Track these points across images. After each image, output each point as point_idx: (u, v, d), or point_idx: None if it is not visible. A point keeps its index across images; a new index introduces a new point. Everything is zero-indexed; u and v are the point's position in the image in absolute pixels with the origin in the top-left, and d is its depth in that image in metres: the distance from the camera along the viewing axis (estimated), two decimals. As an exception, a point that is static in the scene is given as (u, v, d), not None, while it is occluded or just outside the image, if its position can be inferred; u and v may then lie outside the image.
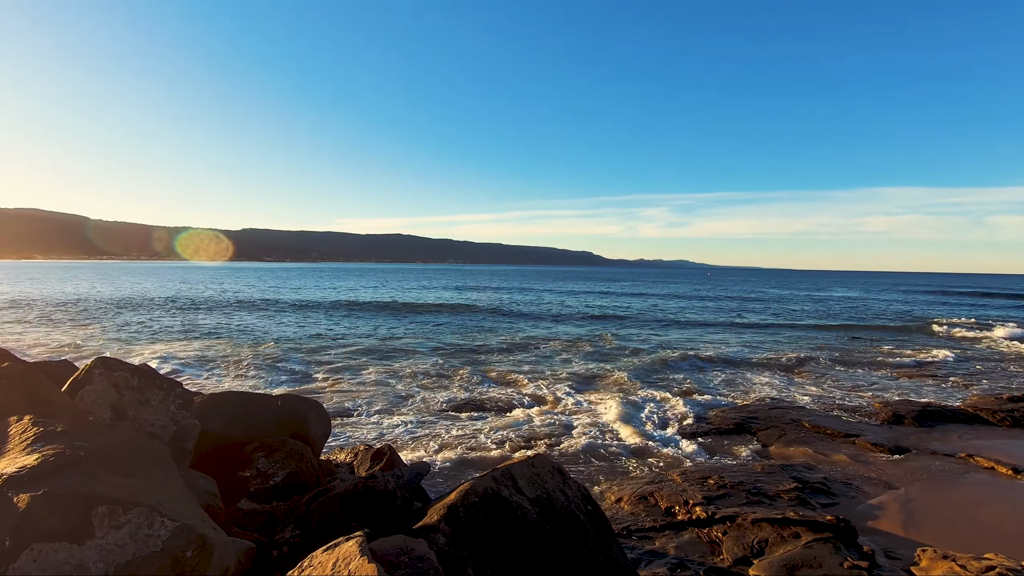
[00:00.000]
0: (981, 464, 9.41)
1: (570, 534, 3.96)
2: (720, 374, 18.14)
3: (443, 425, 11.58)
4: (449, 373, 17.13)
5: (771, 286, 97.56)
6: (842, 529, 6.53)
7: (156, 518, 2.53)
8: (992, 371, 19.53)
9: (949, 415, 12.35)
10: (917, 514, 7.57)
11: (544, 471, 4.38)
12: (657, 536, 6.94)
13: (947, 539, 6.73)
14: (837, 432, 11.15)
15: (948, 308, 51.26)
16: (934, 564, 5.63)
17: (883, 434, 11.23)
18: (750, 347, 24.50)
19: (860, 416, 12.61)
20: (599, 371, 17.80)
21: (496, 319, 32.71)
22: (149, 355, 19.18)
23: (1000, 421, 11.99)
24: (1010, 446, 10.50)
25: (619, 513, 7.64)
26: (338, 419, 11.82)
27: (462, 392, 14.41)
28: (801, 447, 10.41)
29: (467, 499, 3.75)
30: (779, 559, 5.93)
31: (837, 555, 5.93)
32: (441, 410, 12.78)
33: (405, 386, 15.08)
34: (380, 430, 11.22)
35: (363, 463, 7.09)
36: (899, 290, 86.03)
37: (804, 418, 12.13)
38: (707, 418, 12.29)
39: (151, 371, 4.27)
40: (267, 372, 16.73)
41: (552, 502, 4.15)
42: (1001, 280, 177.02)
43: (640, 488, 8.33)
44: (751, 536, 6.64)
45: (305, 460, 5.20)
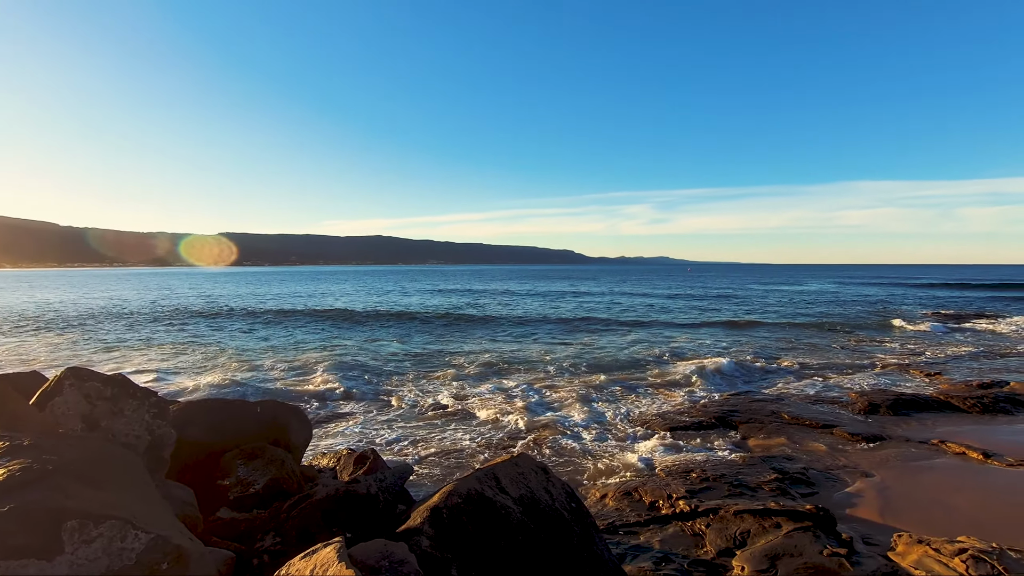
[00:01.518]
0: (953, 450, 9.67)
1: (554, 532, 3.97)
2: (697, 369, 18.34)
3: (426, 428, 11.53)
4: (429, 375, 17.06)
5: (750, 281, 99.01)
6: (821, 518, 6.66)
7: (129, 531, 2.47)
8: (962, 359, 20.09)
9: (922, 403, 12.67)
10: (893, 500, 7.74)
11: (528, 470, 4.39)
12: (642, 531, 6.99)
13: (922, 524, 6.90)
14: (815, 423, 11.37)
15: (918, 299, 52.59)
16: (910, 549, 5.78)
17: (859, 423, 11.48)
18: (728, 342, 24.84)
19: (837, 407, 12.86)
20: (576, 371, 17.87)
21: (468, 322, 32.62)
22: (124, 364, 18.75)
23: (970, 408, 12.34)
24: (980, 431, 10.81)
25: (604, 509, 7.69)
26: (321, 424, 11.70)
27: (444, 395, 14.34)
28: (781, 438, 10.59)
29: (450, 500, 3.74)
30: (761, 549, 6.03)
31: (817, 543, 6.05)
32: (423, 413, 12.71)
33: (389, 389, 14.97)
34: (364, 434, 11.13)
35: (346, 468, 7.03)
36: (874, 283, 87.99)
37: (783, 410, 12.34)
38: (689, 412, 12.43)
39: (125, 380, 4.17)
40: (246, 379, 16.47)
41: (536, 501, 4.15)
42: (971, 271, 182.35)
43: (624, 484, 8.39)
44: (734, 527, 6.73)
45: (286, 466, 5.13)
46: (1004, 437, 10.40)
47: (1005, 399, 12.77)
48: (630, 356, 20.45)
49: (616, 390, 14.83)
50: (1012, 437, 10.40)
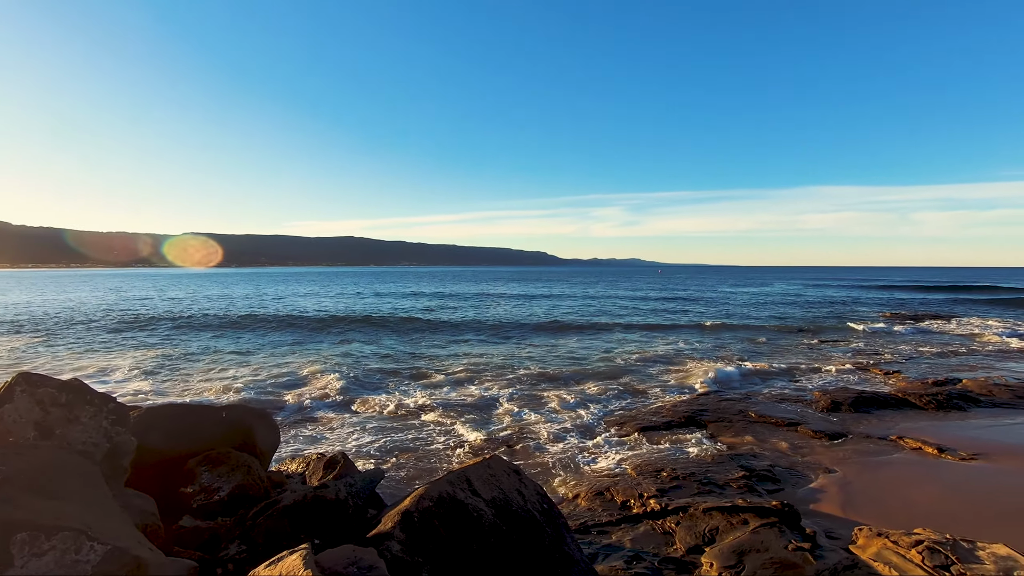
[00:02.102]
0: (910, 445, 10.05)
1: (526, 534, 3.98)
2: (667, 370, 18.64)
3: (398, 432, 11.41)
4: (401, 379, 16.91)
5: (719, 284, 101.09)
6: (786, 513, 6.84)
7: (84, 542, 2.38)
8: (918, 358, 20.90)
9: (881, 400, 13.12)
10: (854, 495, 8.00)
11: (500, 472, 4.38)
12: (614, 530, 7.06)
13: (881, 517, 7.15)
14: (781, 421, 11.67)
15: (877, 301, 54.52)
16: (870, 541, 5.97)
17: (823, 421, 11.82)
18: (697, 344, 25.29)
19: (802, 405, 13.22)
20: (549, 373, 17.95)
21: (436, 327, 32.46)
22: (82, 369, 18.04)
23: (926, 404, 12.83)
24: (935, 427, 11.26)
25: (577, 509, 7.73)
26: (290, 429, 11.47)
27: (416, 399, 14.23)
28: (748, 437, 10.83)
29: (421, 504, 3.71)
30: (729, 545, 6.15)
31: (782, 538, 6.20)
32: (395, 417, 12.58)
33: (360, 393, 14.76)
34: (334, 439, 10.95)
35: (315, 472, 6.90)
36: (836, 285, 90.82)
37: (751, 408, 12.63)
38: (660, 413, 12.60)
39: (81, 385, 4.01)
40: (211, 385, 16.03)
41: (508, 502, 4.15)
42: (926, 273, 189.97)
43: (596, 484, 8.46)
44: (703, 525, 6.85)
45: (252, 472, 5.01)
46: (957, 432, 10.85)
47: (958, 396, 13.32)
48: (602, 358, 20.63)
49: (588, 392, 14.94)
50: (964, 432, 10.86)
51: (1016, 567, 5.21)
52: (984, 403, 13.04)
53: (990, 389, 13.99)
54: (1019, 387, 14.25)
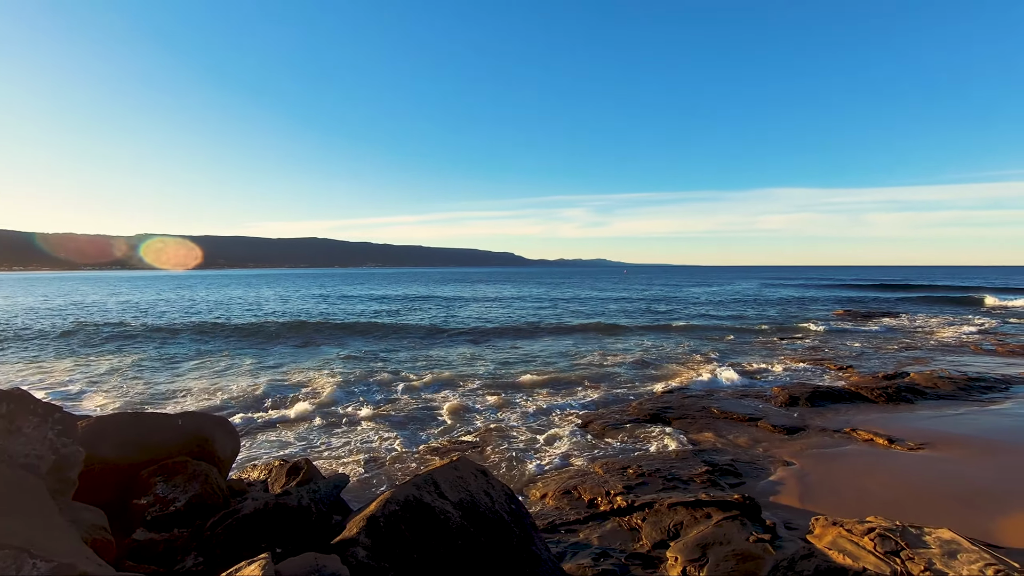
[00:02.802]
0: (862, 437, 10.48)
1: (494, 535, 3.97)
2: (633, 370, 18.94)
3: (365, 436, 11.24)
4: (366, 383, 16.67)
5: (681, 283, 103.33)
6: (748, 506, 7.03)
7: (26, 560, 2.25)
8: (870, 353, 21.83)
9: (836, 395, 13.65)
10: (811, 487, 8.29)
11: (467, 474, 4.36)
12: (581, 528, 7.12)
13: (836, 507, 7.43)
14: (742, 416, 11.99)
15: (832, 299, 56.71)
16: (826, 531, 6.19)
17: (781, 416, 12.21)
18: (663, 343, 25.78)
19: (761, 400, 13.63)
20: (517, 375, 18.00)
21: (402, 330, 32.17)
22: (27, 378, 17.12)
23: (877, 397, 13.41)
24: (885, 419, 11.78)
25: (545, 509, 7.77)
26: (252, 435, 11.15)
27: (383, 403, 14.05)
28: (711, 432, 11.10)
29: (388, 508, 3.66)
30: (693, 539, 6.27)
31: (744, 530, 6.37)
32: (362, 422, 12.38)
33: (324, 398, 14.46)
34: (299, 444, 10.70)
35: (278, 479, 6.72)
36: (793, 284, 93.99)
37: (713, 405, 12.94)
38: (626, 411, 12.78)
39: (23, 395, 3.80)
40: (166, 393, 15.46)
41: (476, 504, 4.13)
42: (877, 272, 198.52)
43: (564, 483, 8.51)
44: (668, 520, 6.98)
45: (211, 481, 4.84)
46: (905, 424, 11.37)
47: (906, 389, 13.97)
48: (569, 360, 20.80)
49: (556, 392, 15.05)
50: (912, 423, 11.39)
51: (959, 550, 5.49)
52: (929, 395, 13.71)
53: (935, 382, 14.72)
54: (961, 379, 15.04)
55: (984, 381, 15.06)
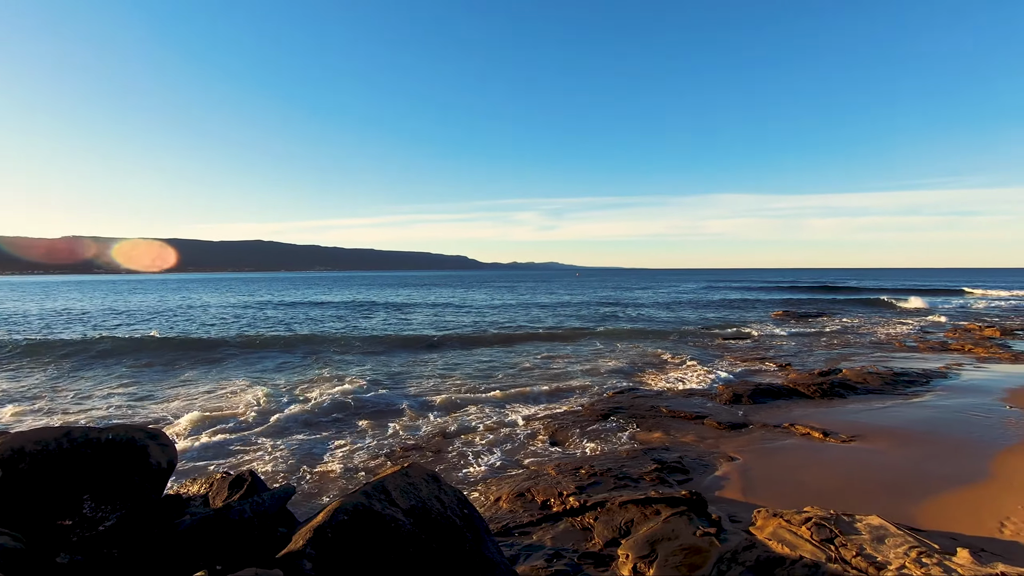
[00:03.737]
0: (800, 431, 11.02)
1: (446, 541, 3.93)
2: (586, 372, 19.24)
3: (313, 444, 10.90)
4: (312, 390, 16.21)
5: (631, 286, 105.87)
6: (695, 502, 7.25)
7: (-72, 591, 2.05)
8: (806, 351, 23.02)
9: (776, 392, 14.30)
10: (753, 480, 8.64)
11: (418, 479, 4.30)
12: (535, 530, 7.15)
13: (777, 499, 7.77)
14: (689, 414, 12.37)
15: (772, 300, 59.48)
16: (767, 522, 6.46)
17: (726, 413, 12.67)
18: (615, 345, 26.29)
19: (707, 398, 14.11)
20: (468, 381, 17.96)
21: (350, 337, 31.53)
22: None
23: (813, 393, 14.15)
24: (820, 414, 12.43)
25: (498, 512, 7.76)
26: (191, 448, 10.61)
27: (330, 410, 13.68)
28: (660, 431, 11.39)
29: (336, 518, 3.56)
30: (643, 536, 6.41)
31: (691, 525, 6.56)
32: (309, 430, 12.02)
33: (267, 406, 13.95)
34: (243, 456, 10.26)
35: (220, 493, 6.42)
36: (736, 286, 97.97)
37: (662, 404, 13.30)
38: (579, 412, 12.95)
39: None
40: (99, 406, 14.52)
41: (428, 510, 4.08)
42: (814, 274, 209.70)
43: (518, 485, 8.53)
44: (619, 518, 7.11)
45: (144, 497, 4.56)
46: (839, 417, 12.04)
47: (839, 384, 14.79)
48: (522, 364, 20.89)
49: (510, 396, 15.06)
50: (844, 417, 12.07)
51: (887, 535, 5.85)
52: (860, 390, 14.58)
53: (864, 377, 15.66)
54: (887, 375, 16.07)
55: (908, 376, 16.15)
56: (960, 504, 7.46)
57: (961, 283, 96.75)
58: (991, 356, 20.25)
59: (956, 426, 11.10)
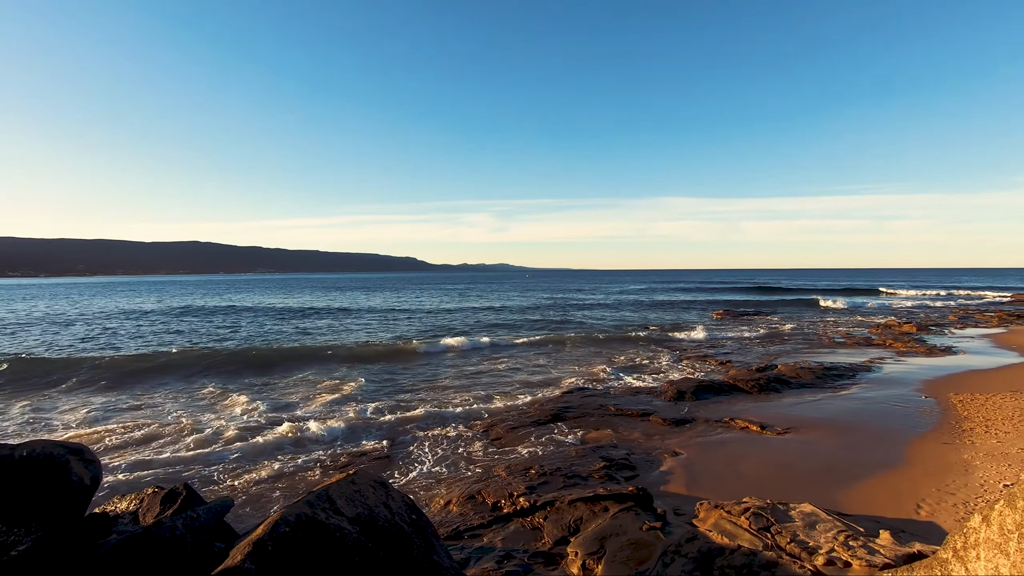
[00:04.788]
0: (739, 426, 11.51)
1: (394, 548, 3.85)
2: (535, 375, 19.40)
3: (253, 455, 10.47)
4: (248, 399, 15.60)
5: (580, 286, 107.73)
6: (641, 497, 7.44)
7: None
8: (745, 349, 24.10)
9: (717, 388, 14.88)
10: (696, 474, 8.95)
11: (365, 486, 4.20)
12: (485, 532, 7.13)
13: (719, 491, 8.08)
14: (636, 412, 12.69)
15: (712, 300, 61.93)
16: (709, 514, 6.71)
17: (670, 409, 13.08)
18: (565, 345, 26.62)
19: (653, 396, 14.52)
20: (418, 386, 17.77)
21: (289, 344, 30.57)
22: None
23: (751, 388, 14.81)
24: (758, 408, 13.03)
25: (449, 516, 7.69)
26: (118, 462, 9.96)
27: (272, 421, 13.19)
28: (608, 429, 11.62)
29: (277, 530, 3.42)
30: (592, 533, 6.52)
31: (637, 520, 6.73)
32: (249, 440, 11.54)
33: (200, 417, 13.30)
34: (177, 468, 9.72)
35: (151, 508, 6.06)
36: (679, 287, 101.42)
37: (610, 403, 13.57)
38: (528, 413, 13.03)
39: None
40: (12, 422, 13.42)
41: (375, 518, 3.99)
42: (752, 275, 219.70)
43: (468, 488, 8.49)
44: (568, 517, 7.19)
45: (65, 516, 4.24)
46: (774, 411, 12.66)
47: (775, 380, 15.56)
48: (471, 368, 20.84)
49: (457, 401, 14.99)
50: (780, 411, 12.70)
51: (818, 520, 6.19)
52: (794, 384, 15.38)
53: (798, 372, 16.54)
54: (818, 369, 17.03)
55: (836, 370, 17.18)
56: (882, 489, 8.00)
57: (884, 283, 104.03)
58: (909, 350, 21.84)
59: (878, 416, 11.90)
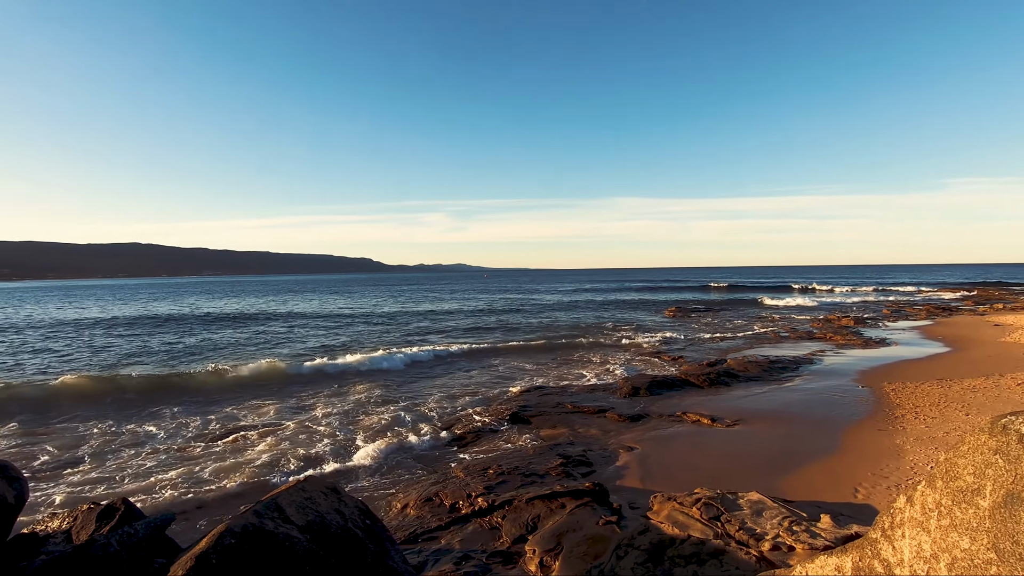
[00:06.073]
0: (691, 419, 11.86)
1: (347, 554, 3.78)
2: (493, 377, 19.42)
3: (198, 464, 10.04)
4: (193, 408, 14.97)
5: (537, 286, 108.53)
6: (597, 492, 7.56)
7: None
8: (696, 344, 24.85)
9: (670, 383, 15.28)
10: (651, 468, 9.17)
11: (316, 493, 4.10)
12: (443, 534, 7.09)
13: (672, 483, 8.30)
14: (592, 409, 12.87)
15: (665, 298, 63.60)
16: (663, 506, 6.88)
17: (626, 405, 13.34)
18: (521, 345, 26.74)
19: (609, 393, 14.77)
20: (374, 390, 17.49)
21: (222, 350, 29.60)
22: None
23: (702, 383, 15.28)
24: (709, 401, 13.46)
25: (406, 519, 7.60)
26: (49, 479, 9.35)
27: (217, 429, 12.69)
28: (565, 427, 11.75)
29: (222, 542, 3.29)
30: (549, 530, 6.58)
31: (594, 515, 6.83)
32: (193, 449, 11.06)
33: (138, 428, 12.66)
34: (113, 482, 9.21)
35: (86, 526, 5.72)
36: (633, 286, 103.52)
37: (567, 400, 13.72)
38: (486, 413, 13.02)
39: None
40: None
41: (327, 525, 3.90)
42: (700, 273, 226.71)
43: (426, 490, 8.41)
44: (526, 515, 7.23)
45: (-14, 540, 3.95)
46: (724, 404, 13.11)
47: (724, 374, 16.11)
48: (429, 370, 20.65)
49: (416, 404, 14.82)
50: (729, 403, 13.16)
51: (764, 508, 6.45)
52: (742, 378, 15.97)
53: (746, 366, 17.18)
54: (764, 363, 17.76)
55: (781, 363, 17.95)
56: (823, 475, 8.41)
57: (824, 279, 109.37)
58: (847, 343, 23.07)
59: (819, 406, 12.50)
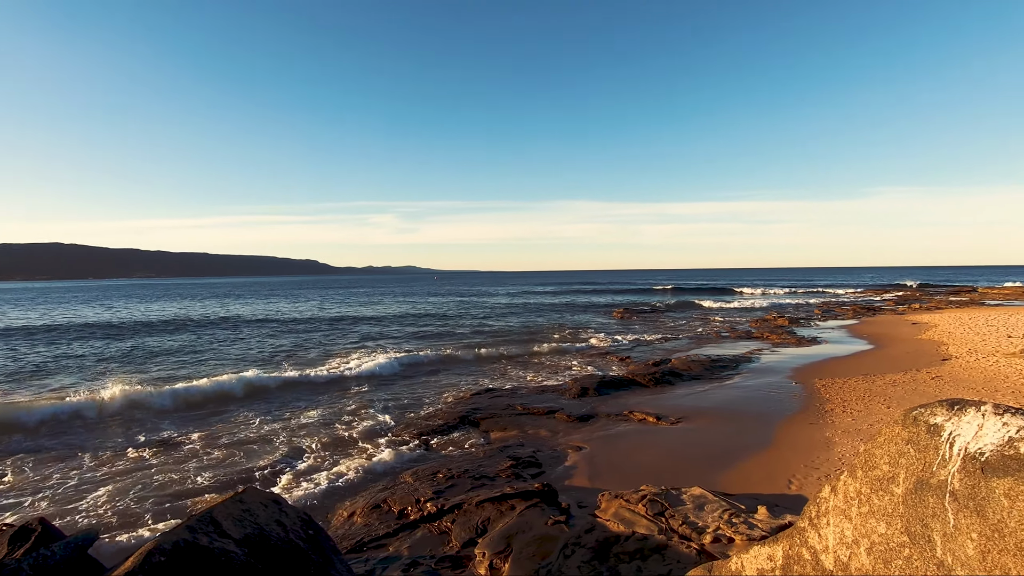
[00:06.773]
0: (637, 418, 12.16)
1: (288, 567, 3.65)
2: (440, 380, 19.27)
3: (127, 477, 9.44)
4: (128, 413, 14.11)
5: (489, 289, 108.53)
6: (547, 493, 7.62)
7: None
8: (642, 345, 25.54)
9: (617, 383, 15.62)
10: (598, 467, 9.33)
11: (255, 505, 3.94)
12: (391, 541, 6.96)
13: (619, 481, 8.48)
14: (542, 410, 12.98)
15: (613, 300, 65.06)
16: (610, 504, 7.02)
17: (575, 406, 13.52)
18: (471, 348, 26.67)
19: (558, 393, 14.94)
20: (316, 397, 17.02)
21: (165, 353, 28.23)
22: None
23: (648, 382, 15.71)
24: (654, 400, 13.85)
25: (352, 528, 7.41)
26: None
27: (150, 438, 11.99)
28: (515, 428, 11.79)
29: (150, 560, 3.11)
30: (499, 532, 6.58)
31: (543, 515, 6.89)
32: (122, 460, 10.40)
33: (61, 440, 11.80)
34: (32, 500, 8.52)
35: (-4, 550, 5.27)
36: (584, 288, 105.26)
37: (517, 402, 13.78)
38: (436, 416, 12.89)
39: None
40: None
41: (266, 537, 3.75)
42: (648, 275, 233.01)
43: (373, 497, 8.23)
44: (476, 518, 7.20)
45: None
46: (669, 402, 13.52)
47: (669, 373, 16.62)
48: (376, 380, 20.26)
49: (362, 407, 14.50)
50: (673, 402, 13.59)
51: (706, 502, 6.69)
52: (686, 377, 16.52)
53: (689, 365, 17.79)
54: (706, 361, 18.44)
55: (722, 362, 18.69)
56: (759, 468, 8.81)
57: (762, 281, 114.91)
58: (782, 342, 24.30)
59: (756, 403, 13.10)
